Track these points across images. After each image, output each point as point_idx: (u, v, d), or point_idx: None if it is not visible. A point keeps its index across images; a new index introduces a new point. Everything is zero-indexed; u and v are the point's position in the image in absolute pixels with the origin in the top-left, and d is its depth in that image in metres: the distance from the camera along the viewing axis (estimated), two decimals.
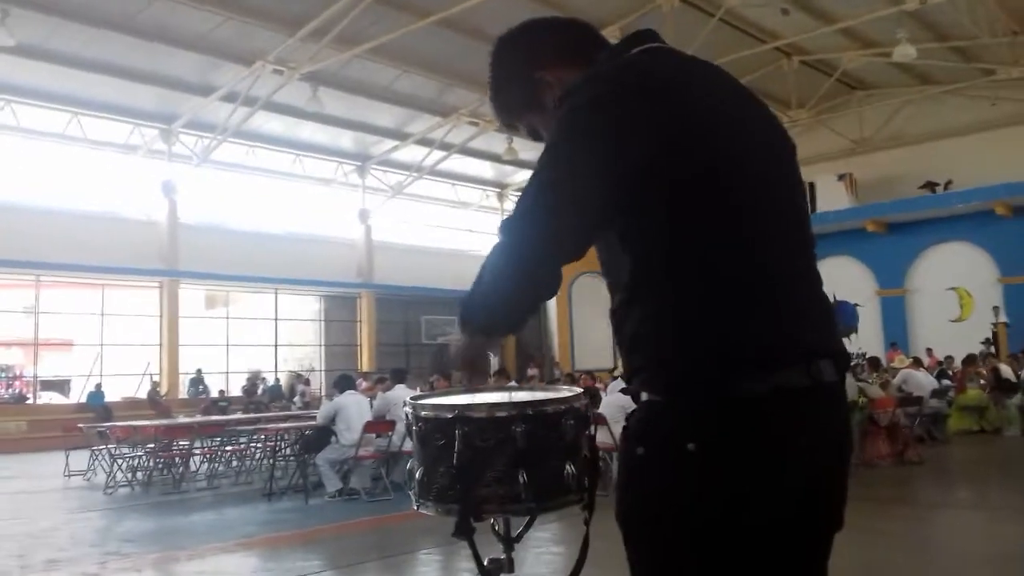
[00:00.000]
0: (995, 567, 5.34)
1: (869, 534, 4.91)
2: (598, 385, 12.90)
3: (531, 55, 1.73)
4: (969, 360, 15.34)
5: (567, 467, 1.92)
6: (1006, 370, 14.79)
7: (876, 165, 25.43)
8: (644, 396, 1.50)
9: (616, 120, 1.43)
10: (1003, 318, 22.44)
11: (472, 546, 1.84)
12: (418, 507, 1.96)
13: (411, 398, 2.05)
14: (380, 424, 9.27)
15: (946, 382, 14.40)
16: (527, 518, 2.01)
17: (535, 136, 1.77)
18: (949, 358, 16.74)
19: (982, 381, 14.63)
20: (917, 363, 14.62)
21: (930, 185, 25.43)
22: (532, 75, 1.70)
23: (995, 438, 13.34)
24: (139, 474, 10.99)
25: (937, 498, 8.17)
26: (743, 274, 1.43)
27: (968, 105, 24.92)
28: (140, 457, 11.17)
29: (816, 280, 1.55)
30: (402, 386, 9.93)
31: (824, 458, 1.49)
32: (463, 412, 1.89)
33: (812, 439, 1.45)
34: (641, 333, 1.49)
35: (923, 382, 12.56)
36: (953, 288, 25.30)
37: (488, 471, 1.87)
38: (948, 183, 25.22)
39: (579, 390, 2.12)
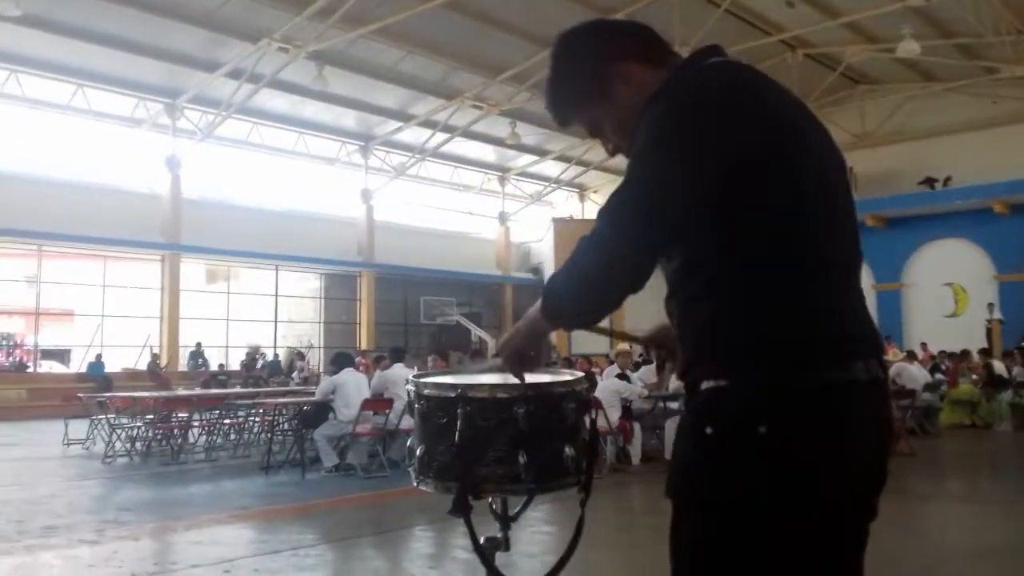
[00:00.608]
0: (981, 559, 5.43)
1: None
2: (594, 370, 12.99)
3: (607, 47, 1.76)
4: (962, 355, 15.45)
5: (567, 449, 1.95)
6: (999, 366, 14.90)
7: (877, 160, 25.42)
8: (709, 383, 1.55)
9: (719, 118, 1.51)
10: (997, 315, 22.52)
11: (468, 524, 1.87)
12: (417, 483, 1.99)
13: (414, 376, 2.10)
14: (378, 402, 9.36)
15: (939, 376, 14.50)
16: (525, 498, 2.06)
17: (594, 132, 1.80)
18: (942, 353, 16.84)
19: (974, 376, 14.75)
20: (911, 357, 14.71)
21: (929, 181, 25.45)
22: (607, 66, 1.73)
23: (986, 433, 13.46)
24: (138, 444, 11.08)
25: (927, 489, 8.28)
26: (816, 273, 1.54)
27: (970, 102, 24.90)
28: (139, 428, 11.27)
29: (860, 278, 1.68)
30: (400, 365, 10.01)
31: (879, 449, 1.62)
32: (466, 391, 1.92)
33: (870, 430, 1.57)
34: (713, 322, 1.56)
35: (916, 375, 12.68)
36: (949, 284, 25.39)
37: (489, 451, 1.89)
38: (947, 179, 25.24)
39: (581, 374, 2.17)
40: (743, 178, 1.49)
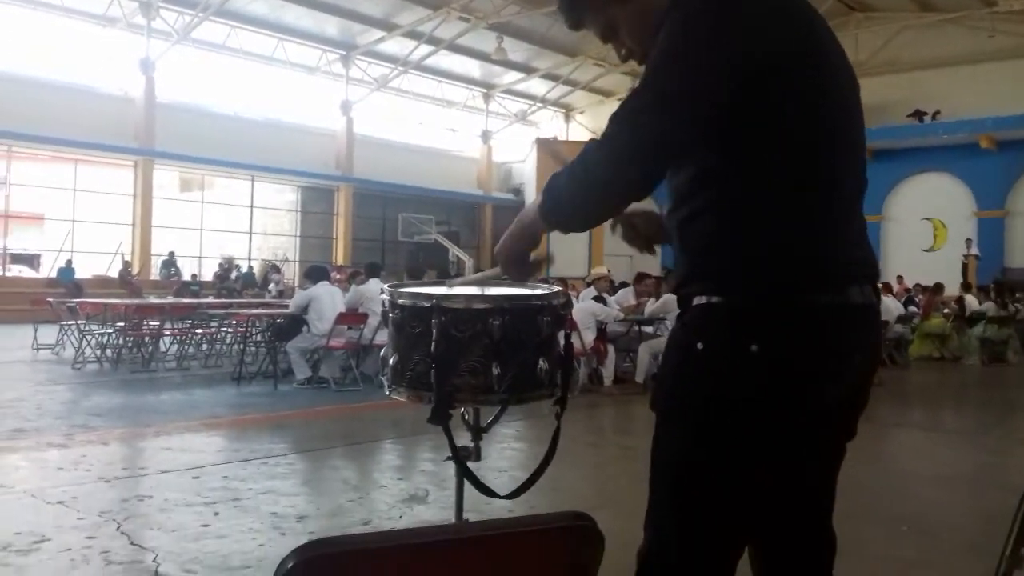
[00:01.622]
0: (944, 486, 5.55)
1: None
2: (571, 292, 12.96)
3: None
4: (935, 289, 15.57)
5: (540, 362, 1.94)
6: (972, 301, 15.05)
7: (867, 90, 24.22)
8: (703, 299, 1.53)
9: (741, 26, 1.46)
10: (974, 251, 22.72)
11: (447, 432, 1.86)
12: (390, 392, 1.98)
13: (390, 285, 2.05)
14: (352, 316, 9.30)
15: (912, 308, 14.63)
16: (497, 409, 2.03)
17: (608, 35, 1.73)
18: (917, 286, 16.98)
19: (946, 310, 14.90)
20: (886, 288, 14.81)
21: (918, 114, 25.34)
22: None
23: (954, 365, 13.67)
24: (108, 351, 11.00)
25: (894, 418, 8.39)
26: (823, 194, 1.52)
27: (966, 35, 24.65)
28: (110, 334, 11.17)
29: (861, 204, 1.66)
30: (376, 280, 9.93)
31: (867, 372, 1.64)
32: (441, 302, 1.89)
33: (861, 353, 1.58)
34: (715, 236, 1.53)
35: (890, 307, 12.75)
36: (928, 219, 25.54)
37: (462, 361, 1.88)
38: (936, 113, 25.14)
39: (557, 288, 2.13)
40: (760, 90, 1.45)
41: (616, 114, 1.48)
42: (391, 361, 1.96)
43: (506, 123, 32.47)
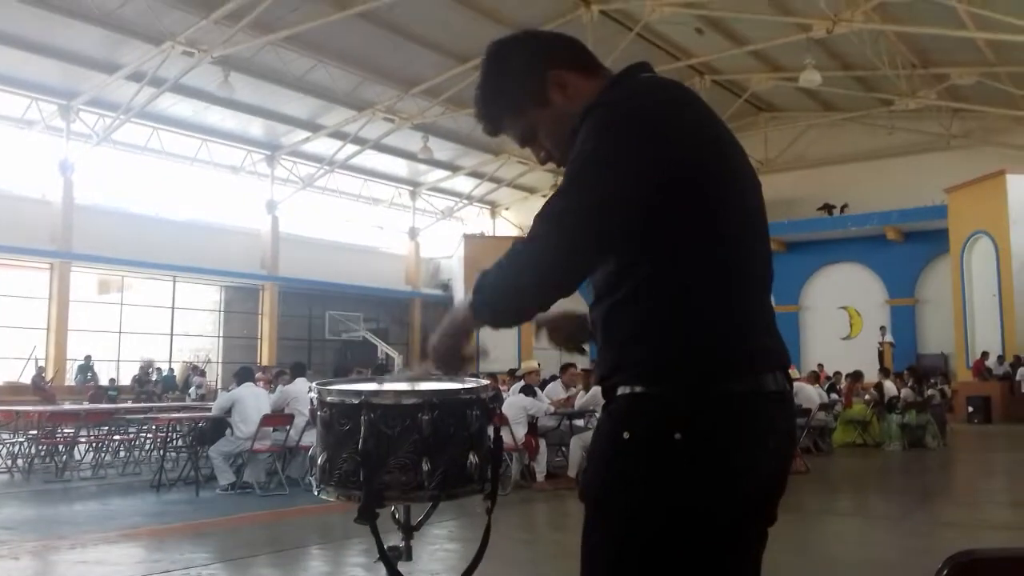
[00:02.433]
0: (870, 570, 5.61)
1: None
2: (501, 387, 12.95)
3: (542, 54, 1.77)
4: (855, 377, 15.99)
5: (471, 457, 1.94)
6: (890, 387, 15.48)
7: (777, 186, 26.27)
8: (627, 389, 1.57)
9: (655, 132, 1.54)
10: (889, 338, 23.51)
11: (375, 532, 1.85)
12: (318, 492, 1.95)
13: (318, 383, 2.04)
14: (278, 418, 9.10)
15: (834, 395, 14.96)
16: (427, 507, 2.02)
17: (527, 138, 1.79)
18: (837, 374, 17.42)
19: (867, 397, 15.28)
20: (814, 377, 15.17)
21: (827, 207, 26.47)
22: (546, 71, 1.73)
23: (876, 451, 13.95)
24: (19, 461, 10.52)
25: (820, 505, 8.50)
26: (737, 286, 1.60)
27: (867, 132, 26.09)
28: (21, 443, 10.69)
29: (770, 294, 1.74)
30: (302, 380, 9.77)
31: (784, 457, 1.68)
32: (369, 398, 1.90)
33: (778, 438, 1.62)
34: (636, 329, 1.59)
35: (813, 395, 13.02)
36: (844, 307, 26.41)
37: (392, 458, 1.88)
38: (844, 206, 26.31)
39: (485, 381, 2.15)
40: (674, 192, 1.53)
41: (541, 214, 1.54)
42: (319, 460, 1.94)
43: (433, 219, 32.79)
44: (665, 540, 1.51)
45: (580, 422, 10.12)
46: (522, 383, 10.24)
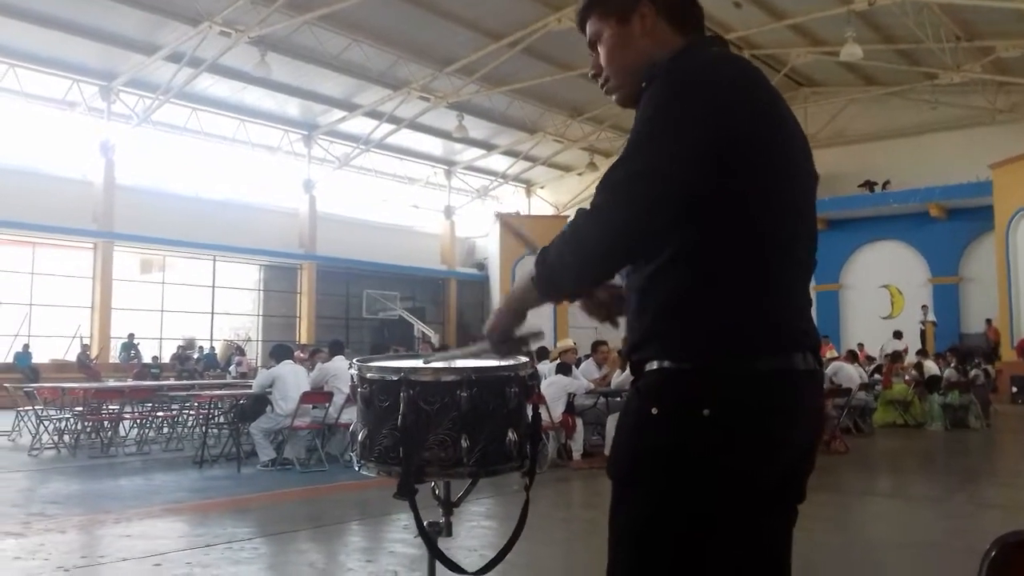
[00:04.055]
0: (910, 551, 5.56)
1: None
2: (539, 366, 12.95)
3: None
4: (895, 357, 15.79)
5: (509, 434, 1.95)
6: (932, 367, 15.26)
7: (819, 162, 24.51)
8: (655, 364, 1.58)
9: (716, 105, 1.56)
10: (931, 317, 23.13)
11: (413, 507, 1.86)
12: (359, 467, 1.97)
13: (358, 359, 2.05)
14: (317, 395, 9.19)
15: (875, 376, 14.79)
16: (468, 483, 2.03)
17: (593, 44, 1.82)
18: (872, 358, 17.21)
19: (907, 377, 15.08)
20: (852, 356, 14.98)
21: (868, 184, 26.02)
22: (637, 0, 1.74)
23: (917, 432, 13.77)
24: (66, 437, 10.74)
25: (860, 486, 8.42)
26: (774, 269, 1.61)
27: (910, 107, 25.53)
28: (67, 419, 10.92)
29: (810, 280, 1.76)
30: (340, 357, 9.86)
31: (812, 435, 1.69)
32: (409, 375, 1.91)
33: (807, 416, 1.63)
34: (671, 303, 1.60)
35: (853, 375, 12.88)
36: (885, 286, 26.01)
37: (431, 434, 1.89)
38: (886, 183, 25.85)
39: (524, 359, 2.15)
40: (728, 167, 1.54)
41: (603, 183, 1.55)
42: (360, 436, 1.96)
43: (468, 199, 32.80)
44: (691, 517, 1.52)
45: (617, 400, 10.10)
46: (558, 362, 10.23)
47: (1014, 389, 19.35)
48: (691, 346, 1.56)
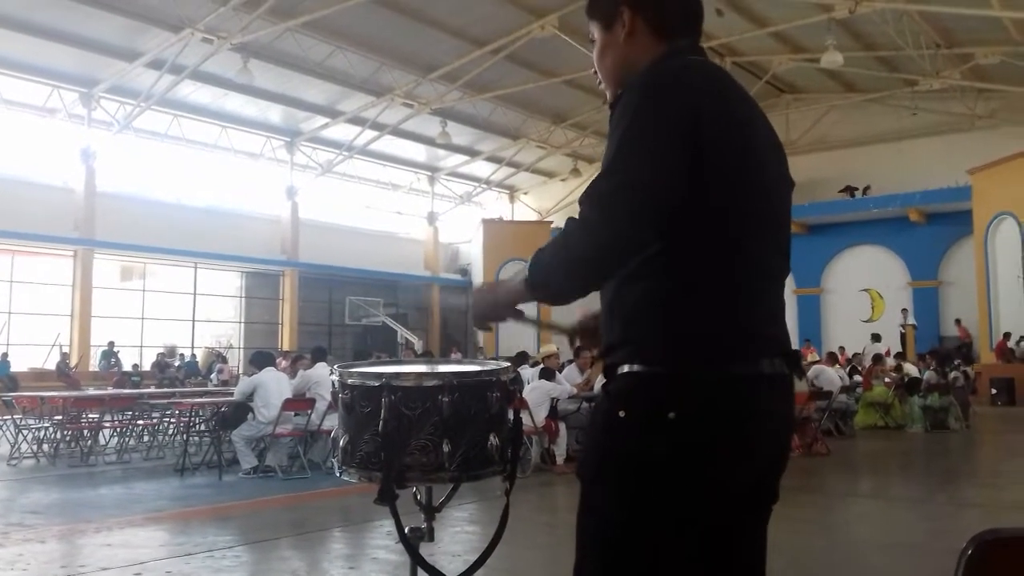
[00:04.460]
0: (891, 552, 5.59)
1: (778, 519, 5.14)
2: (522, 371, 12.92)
3: None
4: (876, 359, 15.90)
5: (491, 438, 1.95)
6: (912, 369, 15.37)
7: (800, 168, 25.53)
8: (626, 368, 1.60)
9: (687, 115, 1.57)
10: (911, 320, 23.32)
11: (394, 513, 1.86)
12: (340, 473, 1.98)
13: (339, 366, 2.06)
14: (299, 402, 9.15)
15: (856, 378, 14.88)
16: (449, 488, 2.03)
17: (592, 39, 1.86)
18: (857, 355, 17.32)
19: (887, 380, 15.19)
20: (832, 359, 15.08)
21: (849, 190, 26.23)
22: (621, 4, 1.77)
23: (898, 433, 13.86)
24: (45, 446, 10.64)
25: (841, 488, 8.48)
26: (743, 276, 1.62)
27: (890, 113, 25.74)
28: (47, 429, 10.82)
29: (784, 285, 1.77)
30: (323, 364, 9.83)
31: (781, 438, 1.71)
32: (390, 380, 1.91)
33: (776, 421, 1.65)
34: (642, 308, 1.61)
35: (834, 378, 12.96)
36: (865, 290, 26.21)
37: (413, 439, 1.89)
38: (866, 188, 26.06)
39: (505, 364, 2.16)
40: (699, 175, 1.55)
41: (590, 196, 1.57)
42: (341, 442, 1.96)
43: (452, 205, 32.78)
44: (657, 520, 1.53)
45: None
46: (541, 367, 10.24)
47: (993, 391, 19.52)
48: (661, 350, 1.58)
